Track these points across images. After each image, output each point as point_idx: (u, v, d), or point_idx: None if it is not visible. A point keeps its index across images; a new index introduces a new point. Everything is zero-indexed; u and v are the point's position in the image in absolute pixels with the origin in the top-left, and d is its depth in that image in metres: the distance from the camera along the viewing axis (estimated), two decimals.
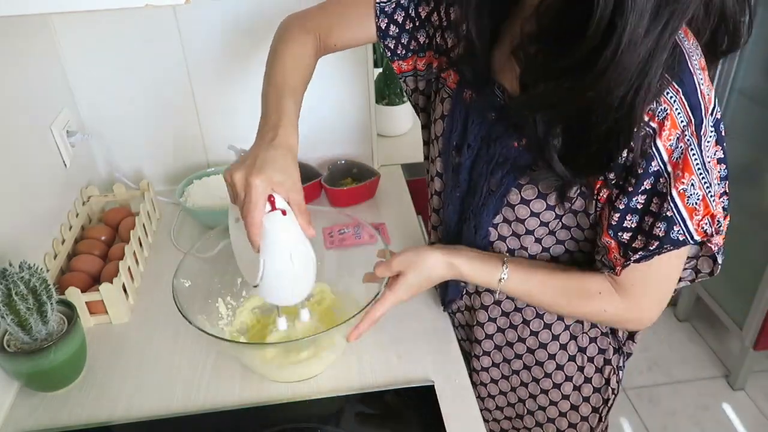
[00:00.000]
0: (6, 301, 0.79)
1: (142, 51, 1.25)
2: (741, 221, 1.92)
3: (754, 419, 1.96)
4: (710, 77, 0.67)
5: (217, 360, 0.94)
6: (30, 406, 0.87)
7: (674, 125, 0.63)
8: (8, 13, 0.66)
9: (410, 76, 0.92)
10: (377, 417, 0.86)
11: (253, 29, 1.26)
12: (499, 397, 0.99)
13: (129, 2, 0.67)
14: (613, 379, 0.92)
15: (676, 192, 0.66)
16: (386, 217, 1.29)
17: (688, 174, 0.65)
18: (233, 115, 1.37)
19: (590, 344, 0.90)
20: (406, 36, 0.87)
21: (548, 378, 0.92)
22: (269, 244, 0.71)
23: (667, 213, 0.66)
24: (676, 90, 0.63)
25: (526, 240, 0.81)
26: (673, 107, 0.63)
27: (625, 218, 0.69)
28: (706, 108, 0.64)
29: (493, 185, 0.79)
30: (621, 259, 0.72)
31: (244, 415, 0.85)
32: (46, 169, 1.12)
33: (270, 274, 0.73)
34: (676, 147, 0.64)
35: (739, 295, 1.95)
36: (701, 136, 0.65)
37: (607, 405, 0.94)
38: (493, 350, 0.95)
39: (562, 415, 0.95)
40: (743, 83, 1.85)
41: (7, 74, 1.02)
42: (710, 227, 0.68)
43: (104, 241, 1.16)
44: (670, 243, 0.68)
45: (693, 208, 0.67)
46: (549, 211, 0.76)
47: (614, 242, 0.71)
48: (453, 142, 0.83)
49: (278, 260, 0.72)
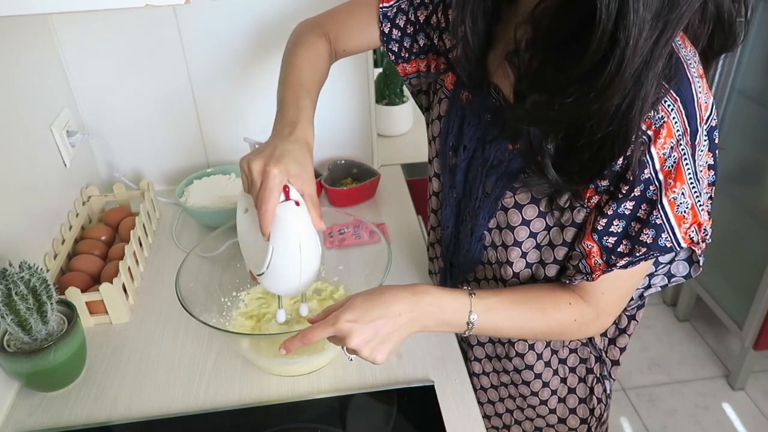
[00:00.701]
0: (6, 301, 0.79)
1: (142, 51, 1.25)
2: (741, 221, 1.93)
3: (754, 419, 1.96)
4: (710, 77, 0.67)
5: (217, 360, 0.94)
6: (30, 406, 0.88)
7: (670, 134, 0.63)
8: (8, 13, 0.66)
9: (414, 78, 0.93)
10: (377, 417, 0.86)
11: (253, 29, 1.26)
12: (487, 406, 0.99)
13: (129, 2, 0.67)
14: (598, 388, 0.91)
15: (667, 200, 0.65)
16: (386, 217, 1.29)
17: (680, 183, 0.65)
18: (233, 115, 1.37)
19: (570, 355, 0.89)
20: (408, 39, 0.88)
21: (535, 396, 0.92)
22: (280, 231, 0.71)
23: (656, 221, 0.66)
24: (674, 99, 0.62)
25: (513, 253, 0.79)
26: (671, 116, 0.62)
27: (612, 223, 0.69)
28: (702, 117, 0.64)
29: (488, 188, 0.79)
30: (602, 264, 0.71)
31: (244, 415, 0.85)
32: (46, 169, 1.12)
33: (277, 262, 0.74)
34: (669, 156, 0.64)
35: (739, 295, 1.95)
36: (695, 146, 0.65)
37: (594, 415, 0.93)
38: (484, 358, 0.95)
39: (549, 426, 0.95)
40: (743, 83, 1.85)
41: (7, 74, 1.02)
42: (697, 235, 0.69)
43: (104, 241, 1.16)
44: (657, 250, 0.68)
45: (682, 216, 0.67)
46: (540, 219, 0.76)
47: (597, 246, 0.71)
48: (449, 142, 0.84)
49: (287, 249, 0.73)
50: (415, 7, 0.86)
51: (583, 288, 0.75)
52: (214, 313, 0.93)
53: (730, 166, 1.97)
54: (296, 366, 0.88)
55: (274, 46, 1.29)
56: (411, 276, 1.10)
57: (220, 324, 0.93)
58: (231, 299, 0.98)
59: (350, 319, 0.69)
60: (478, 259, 0.85)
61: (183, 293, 0.84)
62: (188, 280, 0.88)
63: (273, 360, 0.88)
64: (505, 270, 0.81)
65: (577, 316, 0.76)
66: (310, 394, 0.88)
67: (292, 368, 0.89)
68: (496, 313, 0.74)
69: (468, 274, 0.90)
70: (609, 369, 0.91)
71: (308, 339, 0.71)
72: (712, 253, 2.08)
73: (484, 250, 0.84)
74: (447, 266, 0.95)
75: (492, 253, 0.83)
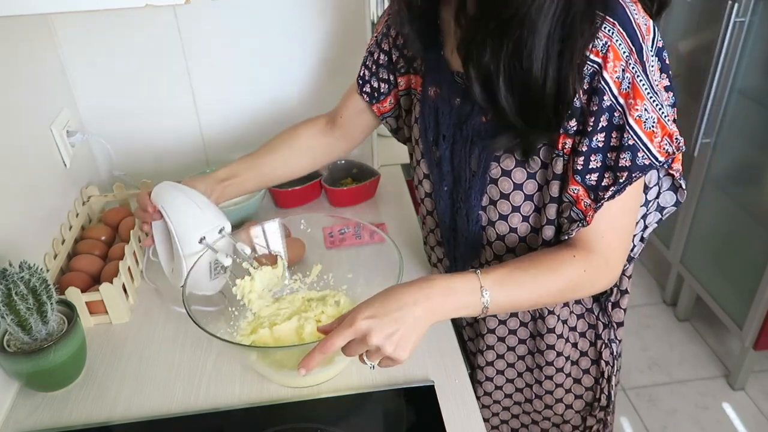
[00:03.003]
0: (6, 301, 0.79)
1: (142, 51, 1.25)
2: (741, 221, 1.93)
3: (754, 419, 1.96)
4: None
5: (217, 360, 0.94)
6: (30, 406, 0.88)
7: (617, 56, 0.66)
8: (8, 13, 0.66)
9: (390, 116, 1.01)
10: (377, 417, 0.86)
11: (252, 29, 1.26)
12: (507, 385, 1.01)
13: (129, 2, 0.68)
14: (606, 353, 0.93)
15: (633, 120, 0.68)
16: (386, 217, 1.29)
17: (640, 100, 0.67)
18: (233, 115, 1.37)
19: (579, 321, 0.91)
20: (375, 78, 0.97)
21: (551, 365, 0.94)
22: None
23: (629, 142, 0.69)
24: (612, 23, 0.66)
25: (514, 219, 0.81)
26: (613, 39, 0.66)
27: (589, 160, 0.71)
28: (642, 35, 0.67)
29: (474, 165, 0.81)
30: (592, 203, 0.72)
31: (244, 415, 0.85)
32: (46, 169, 1.12)
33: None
34: (623, 78, 0.67)
35: (739, 295, 1.95)
36: (644, 62, 0.67)
37: (604, 377, 0.95)
38: (497, 343, 0.96)
39: (568, 392, 0.97)
40: (743, 83, 1.85)
41: (7, 74, 1.02)
42: (670, 146, 0.71)
43: (104, 241, 1.16)
44: (638, 170, 0.70)
45: (651, 132, 0.69)
46: (531, 180, 0.78)
47: (582, 188, 0.72)
48: (429, 137, 0.87)
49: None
50: (379, 44, 0.94)
51: (583, 238, 0.75)
52: (222, 323, 0.92)
53: (730, 166, 1.97)
54: (308, 378, 0.86)
55: (274, 46, 1.29)
56: (411, 277, 1.10)
57: (229, 335, 0.91)
58: (238, 308, 0.96)
59: (368, 315, 0.68)
60: (479, 242, 0.87)
61: (190, 303, 0.83)
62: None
63: (282, 372, 0.87)
64: (510, 239, 0.83)
65: (586, 266, 0.75)
66: (310, 394, 0.87)
67: (302, 380, 0.88)
68: (506, 284, 0.74)
69: (473, 261, 0.91)
70: (615, 332, 0.93)
71: (327, 348, 0.69)
72: (713, 253, 2.09)
73: (483, 231, 0.85)
74: (452, 263, 0.96)
75: (491, 231, 0.84)
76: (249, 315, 0.97)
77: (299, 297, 0.99)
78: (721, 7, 1.76)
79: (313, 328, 0.90)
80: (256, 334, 0.92)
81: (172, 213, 0.91)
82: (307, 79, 1.35)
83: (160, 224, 0.95)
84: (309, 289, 1.02)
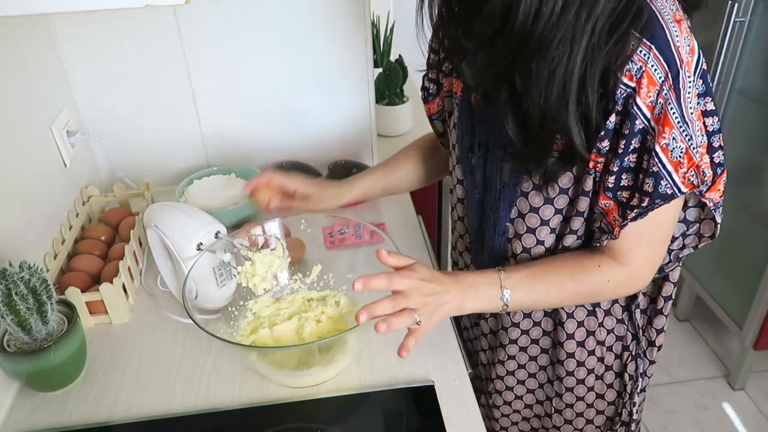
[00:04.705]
0: (6, 301, 0.79)
1: (142, 51, 1.25)
2: (741, 221, 1.92)
3: (754, 419, 1.96)
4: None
5: (217, 360, 0.94)
6: (30, 406, 0.87)
7: (652, 82, 0.65)
8: (8, 13, 0.66)
9: (437, 120, 1.00)
10: (377, 417, 0.86)
11: (253, 29, 1.26)
12: (527, 396, 0.99)
13: (129, 2, 0.67)
14: (631, 366, 0.92)
15: (659, 147, 0.67)
16: (386, 217, 1.29)
17: (668, 129, 0.66)
18: (233, 115, 1.37)
19: (608, 335, 0.91)
20: (426, 78, 0.97)
21: (571, 376, 0.93)
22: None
23: (653, 168, 0.68)
24: (648, 46, 0.64)
25: (542, 232, 0.81)
26: (648, 64, 0.64)
27: (620, 178, 0.71)
28: (681, 60, 0.65)
29: (506, 176, 0.81)
30: (619, 219, 0.73)
31: (244, 415, 0.85)
32: (46, 169, 1.12)
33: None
34: (656, 103, 0.66)
35: (739, 295, 1.95)
36: (679, 89, 0.66)
37: (627, 391, 0.94)
38: (518, 353, 0.95)
39: (589, 407, 0.96)
40: (743, 83, 1.85)
41: (7, 74, 1.02)
42: (696, 178, 0.70)
43: (104, 241, 1.16)
44: (659, 197, 0.69)
45: (678, 162, 0.68)
46: (563, 195, 0.77)
47: (613, 203, 0.73)
48: (465, 144, 0.87)
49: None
50: (431, 42, 0.93)
51: (612, 248, 0.77)
52: (221, 323, 0.92)
53: (731, 166, 1.96)
54: (308, 378, 0.87)
55: (274, 46, 1.29)
56: None
57: (229, 335, 0.91)
58: (238, 308, 0.96)
59: (423, 277, 0.74)
60: (503, 254, 0.87)
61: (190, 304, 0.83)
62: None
63: (282, 372, 0.87)
64: (536, 251, 0.83)
65: (610, 277, 0.78)
66: (310, 394, 0.87)
67: (302, 380, 0.88)
68: (527, 284, 0.78)
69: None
70: (645, 348, 0.93)
71: (395, 282, 0.73)
72: (713, 253, 2.09)
73: (508, 243, 0.85)
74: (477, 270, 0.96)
75: (517, 244, 0.84)
76: (249, 315, 0.97)
77: (299, 297, 0.99)
78: (721, 7, 1.76)
79: (313, 328, 0.91)
80: (256, 334, 0.92)
81: (164, 226, 0.93)
82: (307, 79, 1.35)
83: (160, 248, 0.97)
84: (309, 289, 1.02)
